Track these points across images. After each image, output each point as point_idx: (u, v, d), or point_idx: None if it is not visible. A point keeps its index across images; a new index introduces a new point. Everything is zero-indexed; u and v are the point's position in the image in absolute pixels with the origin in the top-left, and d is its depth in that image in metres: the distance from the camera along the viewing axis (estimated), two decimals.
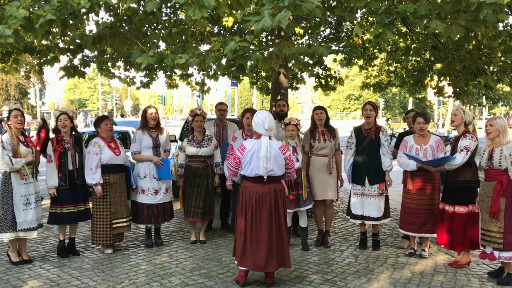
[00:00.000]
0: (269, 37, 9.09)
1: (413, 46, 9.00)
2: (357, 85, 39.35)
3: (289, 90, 9.87)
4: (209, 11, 5.21)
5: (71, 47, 5.93)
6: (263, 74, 11.24)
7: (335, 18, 8.48)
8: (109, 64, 7.95)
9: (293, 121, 5.33)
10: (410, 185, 5.15)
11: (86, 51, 6.46)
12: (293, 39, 8.62)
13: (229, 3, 4.74)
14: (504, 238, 4.31)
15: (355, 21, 6.02)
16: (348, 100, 58.66)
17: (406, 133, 5.75)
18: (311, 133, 5.60)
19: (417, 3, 4.09)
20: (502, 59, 7.88)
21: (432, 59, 9.01)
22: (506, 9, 5.29)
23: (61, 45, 6.24)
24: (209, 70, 9.80)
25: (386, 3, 4.44)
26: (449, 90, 9.84)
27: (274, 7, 3.77)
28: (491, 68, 8.01)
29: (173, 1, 5.48)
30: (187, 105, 75.53)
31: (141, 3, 5.22)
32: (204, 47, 8.31)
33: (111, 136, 5.40)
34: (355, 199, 5.49)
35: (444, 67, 8.34)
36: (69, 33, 5.93)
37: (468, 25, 4.35)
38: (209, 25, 8.81)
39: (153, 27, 6.70)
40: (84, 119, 30.62)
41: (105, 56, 6.90)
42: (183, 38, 7.48)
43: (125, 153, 5.50)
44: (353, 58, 10.09)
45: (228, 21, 7.66)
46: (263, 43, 8.87)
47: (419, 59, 9.46)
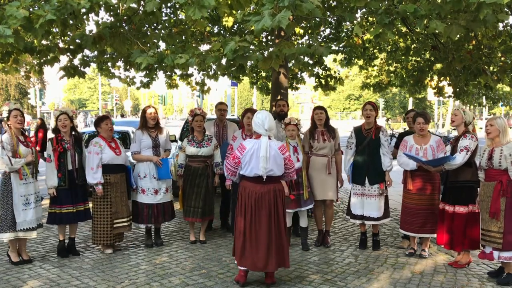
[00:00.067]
0: (269, 37, 9.09)
1: (413, 46, 9.00)
2: (357, 85, 39.36)
3: (289, 90, 9.86)
4: (209, 11, 5.21)
5: (71, 47, 5.93)
6: (263, 74, 11.23)
7: (335, 18, 8.48)
8: (109, 64, 7.95)
9: (293, 121, 5.33)
10: (410, 185, 5.15)
11: (86, 51, 6.46)
12: (293, 39, 8.62)
13: (229, 3, 4.74)
14: (504, 238, 4.30)
15: (355, 21, 6.02)
16: (348, 100, 58.67)
17: (406, 133, 5.76)
18: (311, 133, 5.60)
19: (417, 3, 4.09)
20: (502, 59, 7.88)
21: (432, 59, 9.00)
22: (506, 9, 5.29)
23: (61, 45, 6.24)
24: (209, 70, 9.79)
25: (386, 3, 4.44)
26: (449, 90, 9.84)
27: (274, 7, 3.77)
28: (491, 68, 8.01)
29: (173, 1, 5.48)
30: (187, 105, 75.48)
31: (141, 3, 5.22)
32: (204, 47, 8.32)
33: (111, 136, 5.40)
34: (355, 199, 5.49)
35: (444, 67, 8.34)
36: (69, 33, 5.94)
37: (468, 25, 4.35)
38: (209, 25, 8.80)
39: (153, 27, 6.70)
40: (84, 119, 30.70)
41: (105, 56, 6.90)
42: (183, 38, 7.48)
43: (125, 153, 5.51)
44: (353, 58, 10.09)
45: (228, 21, 7.66)
46: (263, 43, 8.87)
47: (419, 59, 9.46)
